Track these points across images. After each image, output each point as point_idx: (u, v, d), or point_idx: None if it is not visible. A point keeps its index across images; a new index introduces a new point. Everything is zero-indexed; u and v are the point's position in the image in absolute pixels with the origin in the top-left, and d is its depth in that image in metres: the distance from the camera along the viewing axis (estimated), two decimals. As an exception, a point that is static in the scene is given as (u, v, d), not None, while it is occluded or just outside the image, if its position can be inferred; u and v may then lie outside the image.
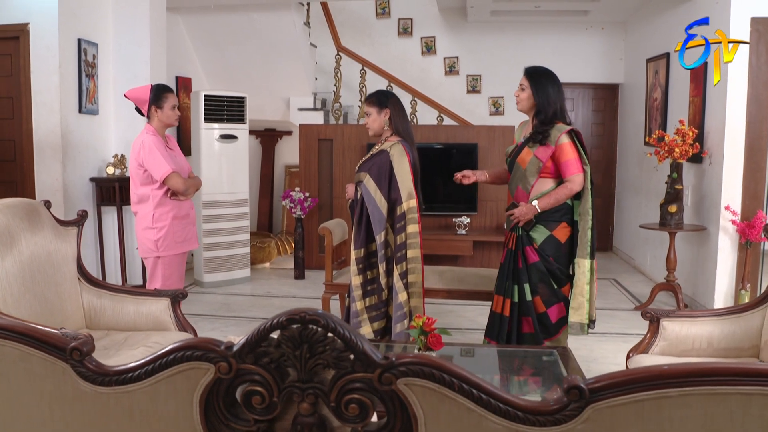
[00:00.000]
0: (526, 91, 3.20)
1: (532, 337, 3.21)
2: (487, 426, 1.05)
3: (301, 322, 1.09)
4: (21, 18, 4.28)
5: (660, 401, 1.01)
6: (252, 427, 1.15)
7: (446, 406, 1.06)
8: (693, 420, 1.02)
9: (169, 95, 3.47)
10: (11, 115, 4.40)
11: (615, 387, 1.02)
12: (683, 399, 1.01)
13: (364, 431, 1.10)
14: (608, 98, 7.41)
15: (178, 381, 1.16)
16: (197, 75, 6.69)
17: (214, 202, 5.69)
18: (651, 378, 1.01)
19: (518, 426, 1.04)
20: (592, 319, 3.29)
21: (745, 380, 1.00)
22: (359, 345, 1.07)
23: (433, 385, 1.05)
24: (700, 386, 1.01)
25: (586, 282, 3.17)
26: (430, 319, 2.64)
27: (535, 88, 3.17)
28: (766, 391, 1.00)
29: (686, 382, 1.00)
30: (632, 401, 1.01)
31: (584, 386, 1.01)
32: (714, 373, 1.00)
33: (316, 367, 1.09)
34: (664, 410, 1.02)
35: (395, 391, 1.06)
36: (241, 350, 1.12)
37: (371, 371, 1.06)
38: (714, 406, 1.01)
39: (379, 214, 3.36)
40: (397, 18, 7.66)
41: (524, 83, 3.21)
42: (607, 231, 7.51)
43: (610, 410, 1.02)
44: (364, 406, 1.08)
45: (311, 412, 1.11)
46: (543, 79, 3.19)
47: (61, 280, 2.91)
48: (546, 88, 3.17)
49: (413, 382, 1.06)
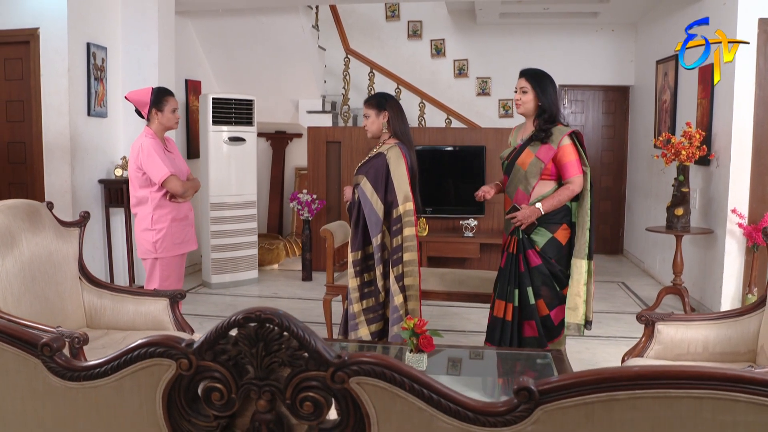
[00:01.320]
0: (529, 94, 3.19)
1: (536, 340, 3.20)
2: (438, 425, 1.06)
3: (257, 321, 1.11)
4: (31, 23, 4.37)
5: (609, 404, 1.01)
6: (212, 423, 1.17)
7: (398, 406, 1.07)
8: (643, 423, 1.01)
9: (170, 98, 3.51)
10: (22, 117, 4.50)
11: (564, 389, 1.02)
12: (633, 402, 1.01)
13: (319, 428, 1.12)
14: (619, 100, 7.35)
15: (141, 377, 1.19)
16: (207, 78, 6.76)
17: (222, 204, 5.75)
18: (600, 381, 1.01)
19: (469, 426, 1.05)
20: (589, 320, 3.28)
21: (695, 384, 1.00)
22: (312, 344, 1.08)
23: (384, 384, 1.06)
24: (649, 389, 1.00)
25: (583, 283, 3.16)
26: (421, 321, 2.65)
27: (540, 89, 3.17)
28: (717, 395, 1.00)
29: (636, 385, 1.00)
30: (582, 403, 1.01)
31: (534, 388, 1.02)
32: (664, 377, 1.00)
33: (272, 365, 1.11)
34: (613, 413, 1.01)
35: (348, 389, 1.08)
36: (200, 347, 1.14)
37: (324, 370, 1.08)
38: (664, 410, 1.01)
39: (375, 217, 3.38)
40: (407, 20, 7.67)
41: (526, 86, 3.21)
42: (618, 234, 7.45)
43: (560, 412, 1.02)
44: (318, 404, 1.10)
45: (268, 409, 1.13)
46: (545, 81, 3.20)
47: (61, 280, 2.97)
48: (548, 89, 3.18)
49: (365, 381, 1.07)
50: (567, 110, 7.43)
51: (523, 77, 3.23)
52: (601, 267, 6.72)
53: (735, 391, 0.99)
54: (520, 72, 3.26)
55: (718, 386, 0.99)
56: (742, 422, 1.00)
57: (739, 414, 1.00)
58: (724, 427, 1.00)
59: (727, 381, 0.99)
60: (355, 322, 3.44)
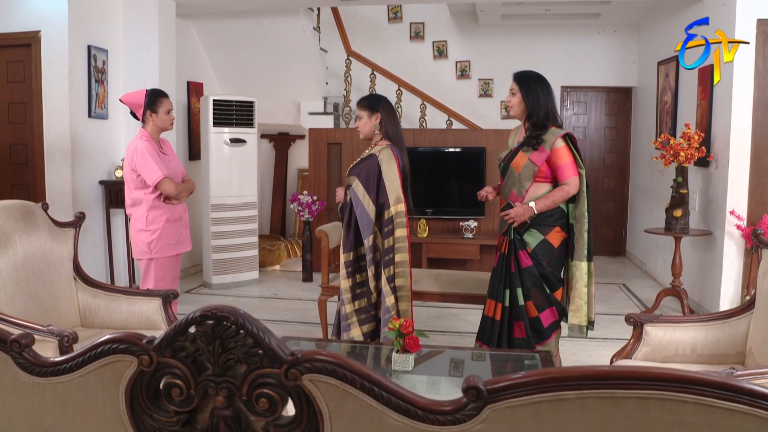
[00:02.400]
0: (517, 96, 3.20)
1: (524, 341, 3.20)
2: (389, 423, 1.07)
3: (215, 319, 1.13)
4: (33, 26, 4.44)
5: (557, 403, 1.01)
6: (173, 419, 1.19)
7: (349, 403, 1.08)
8: (591, 422, 1.02)
9: (164, 100, 3.55)
10: (24, 119, 4.56)
11: (513, 388, 1.02)
12: (580, 402, 1.01)
13: (275, 425, 1.13)
14: (621, 102, 7.32)
15: (105, 373, 1.21)
16: (210, 80, 6.82)
17: (223, 205, 5.79)
18: (547, 381, 1.01)
19: (418, 424, 1.06)
20: (591, 321, 3.28)
21: (642, 384, 1.00)
22: (267, 341, 1.10)
23: (336, 382, 1.07)
24: (596, 389, 1.00)
25: (584, 285, 3.16)
26: (407, 321, 2.67)
27: (525, 92, 3.17)
28: (664, 396, 1.00)
29: (583, 385, 1.00)
30: (530, 402, 1.02)
31: (482, 387, 1.03)
32: (610, 377, 1.00)
33: (229, 362, 1.13)
34: (561, 412, 1.02)
35: (301, 386, 1.09)
36: (160, 344, 1.16)
37: (278, 367, 1.09)
38: (612, 410, 1.01)
39: (367, 218, 3.39)
40: (409, 22, 7.69)
41: (514, 88, 3.22)
42: (620, 235, 7.41)
43: (508, 411, 1.03)
44: (273, 401, 1.11)
45: (226, 405, 1.15)
46: (532, 83, 3.19)
47: (55, 280, 3.01)
48: (536, 92, 3.17)
49: (317, 378, 1.08)
50: (569, 111, 7.41)
51: (513, 80, 3.24)
52: (602, 269, 6.69)
53: (681, 392, 0.99)
54: (513, 74, 3.27)
55: (665, 387, 0.99)
56: (689, 423, 1.00)
57: (685, 415, 1.00)
58: (671, 427, 1.01)
59: (673, 382, 0.99)
60: (347, 323, 3.46)
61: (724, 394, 0.98)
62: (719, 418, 0.99)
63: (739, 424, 0.98)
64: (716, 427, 0.99)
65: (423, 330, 3.15)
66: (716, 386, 0.98)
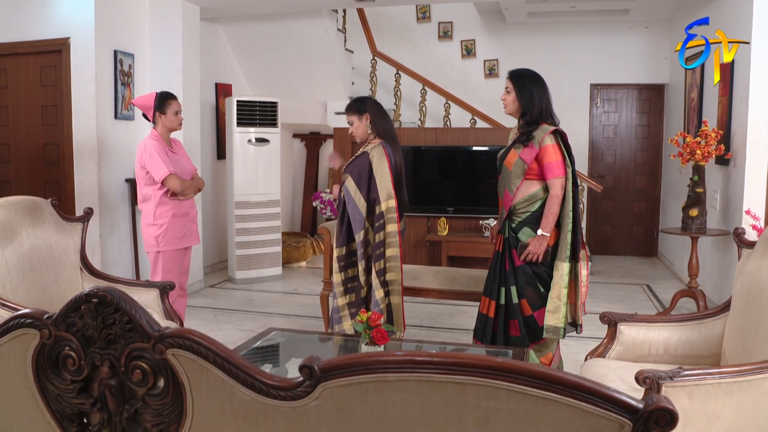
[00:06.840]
0: (511, 94, 3.21)
1: (519, 339, 3.21)
2: (239, 396, 1.17)
3: (98, 298, 1.26)
4: (63, 33, 4.75)
5: (380, 384, 1.08)
6: (70, 386, 1.33)
7: (205, 376, 1.18)
8: (412, 404, 1.08)
9: (172, 102, 3.75)
10: (55, 121, 4.89)
11: (342, 368, 1.10)
12: (402, 384, 1.07)
13: (149, 394, 1.25)
14: (653, 99, 7.12)
15: (15, 345, 1.36)
16: (239, 81, 7.07)
17: (247, 202, 6.01)
18: (371, 363, 1.08)
19: (263, 398, 1.15)
20: (578, 323, 3.26)
21: (459, 370, 1.05)
22: (138, 318, 1.22)
23: (193, 357, 1.18)
24: (416, 373, 1.06)
25: (563, 286, 3.14)
26: (375, 314, 2.75)
27: (519, 90, 3.18)
28: (480, 382, 1.04)
29: (403, 368, 1.06)
30: (357, 383, 1.09)
31: (315, 366, 1.11)
32: (429, 363, 1.06)
33: (110, 336, 1.25)
34: (384, 393, 1.08)
35: (166, 360, 1.20)
36: (56, 319, 1.30)
37: (147, 342, 1.21)
38: (431, 393, 1.06)
39: (358, 214, 3.49)
40: (438, 22, 7.73)
41: (509, 86, 3.23)
42: (652, 236, 7.21)
43: (339, 390, 1.10)
44: (145, 372, 1.23)
45: (111, 375, 1.28)
46: (526, 81, 3.20)
47: (60, 270, 3.24)
48: (530, 90, 3.17)
49: (179, 353, 1.19)
50: (599, 110, 7.26)
51: (508, 77, 3.25)
52: (630, 269, 6.55)
53: (496, 378, 1.03)
54: (508, 72, 3.28)
55: (480, 374, 1.04)
56: (505, 409, 1.04)
57: (501, 401, 1.04)
58: (489, 412, 1.05)
59: (488, 369, 1.04)
60: (338, 316, 3.57)
61: (536, 382, 1.02)
62: (534, 406, 1.03)
63: (553, 413, 1.02)
64: (531, 414, 1.03)
65: (430, 326, 3.21)
66: (529, 375, 1.02)
